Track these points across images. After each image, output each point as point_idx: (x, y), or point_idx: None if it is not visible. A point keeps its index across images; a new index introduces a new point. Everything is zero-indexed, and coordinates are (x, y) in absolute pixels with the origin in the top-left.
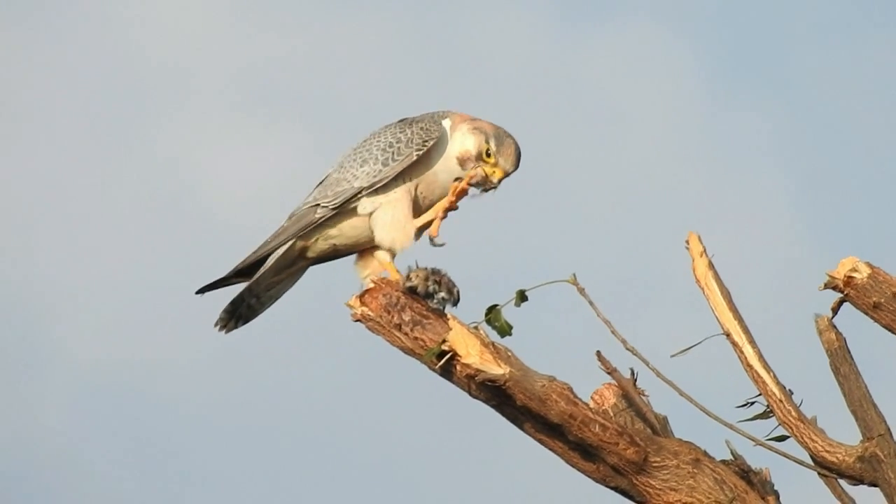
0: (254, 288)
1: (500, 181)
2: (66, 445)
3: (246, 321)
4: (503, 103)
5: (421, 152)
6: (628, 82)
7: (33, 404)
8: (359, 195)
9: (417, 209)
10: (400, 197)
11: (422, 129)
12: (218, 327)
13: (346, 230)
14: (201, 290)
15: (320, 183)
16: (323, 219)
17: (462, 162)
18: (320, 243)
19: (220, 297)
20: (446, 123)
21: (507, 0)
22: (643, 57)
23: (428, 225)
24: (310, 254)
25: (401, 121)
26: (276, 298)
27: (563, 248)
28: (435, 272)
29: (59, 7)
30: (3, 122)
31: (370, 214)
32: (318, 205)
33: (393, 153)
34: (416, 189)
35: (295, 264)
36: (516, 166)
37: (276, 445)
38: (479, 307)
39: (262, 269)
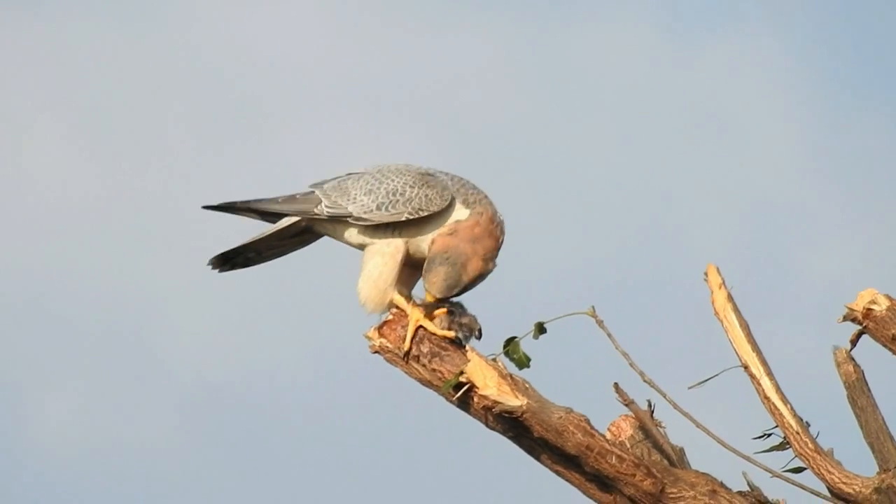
0: (253, 246)
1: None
2: (168, 460)
3: (243, 267)
4: (610, 116)
5: (411, 217)
6: (736, 95)
7: (138, 420)
8: (348, 218)
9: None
10: (394, 252)
11: (426, 196)
12: (211, 266)
13: (348, 239)
14: (208, 207)
15: (348, 174)
16: (319, 217)
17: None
18: (329, 231)
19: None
20: (459, 204)
21: (615, 14)
22: (751, 70)
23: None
24: (318, 229)
25: (424, 173)
26: (280, 256)
27: (582, 279)
28: (455, 312)
29: (171, 11)
30: (119, 133)
31: (360, 246)
32: (322, 202)
33: (389, 203)
34: (407, 245)
35: (301, 235)
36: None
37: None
38: (497, 339)
39: (261, 234)
